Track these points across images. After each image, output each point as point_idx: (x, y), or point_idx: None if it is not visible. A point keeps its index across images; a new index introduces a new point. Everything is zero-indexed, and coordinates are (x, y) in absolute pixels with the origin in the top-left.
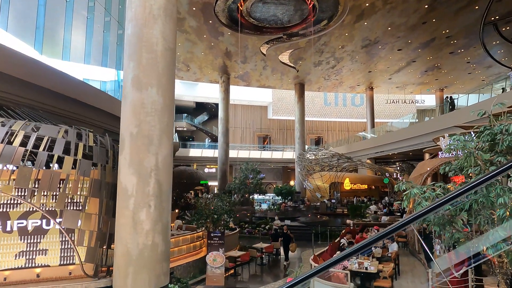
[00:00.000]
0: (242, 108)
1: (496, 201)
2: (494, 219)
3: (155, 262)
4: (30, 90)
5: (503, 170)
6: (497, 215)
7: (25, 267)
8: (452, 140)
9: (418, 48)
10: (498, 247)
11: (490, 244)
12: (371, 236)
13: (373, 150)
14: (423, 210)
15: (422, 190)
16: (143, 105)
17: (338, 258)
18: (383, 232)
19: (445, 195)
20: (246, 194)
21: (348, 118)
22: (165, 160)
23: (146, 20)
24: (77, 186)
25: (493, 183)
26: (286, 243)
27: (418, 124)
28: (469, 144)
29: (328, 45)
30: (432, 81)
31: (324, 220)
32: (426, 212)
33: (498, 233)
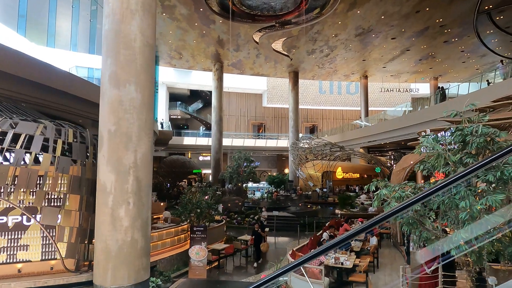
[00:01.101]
0: (236, 96)
1: (459, 203)
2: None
3: (134, 258)
4: (13, 82)
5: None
6: (459, 217)
7: (6, 262)
8: (423, 140)
9: (412, 37)
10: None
11: (454, 246)
12: (337, 238)
13: (366, 139)
14: (383, 215)
15: (392, 190)
16: (121, 102)
17: (305, 258)
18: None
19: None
20: (239, 183)
21: (343, 106)
22: (144, 157)
23: (123, 15)
24: (56, 183)
25: (459, 185)
26: (257, 242)
27: (409, 114)
28: (437, 147)
29: (321, 34)
30: (426, 70)
31: (314, 210)
32: (388, 216)
33: (460, 235)
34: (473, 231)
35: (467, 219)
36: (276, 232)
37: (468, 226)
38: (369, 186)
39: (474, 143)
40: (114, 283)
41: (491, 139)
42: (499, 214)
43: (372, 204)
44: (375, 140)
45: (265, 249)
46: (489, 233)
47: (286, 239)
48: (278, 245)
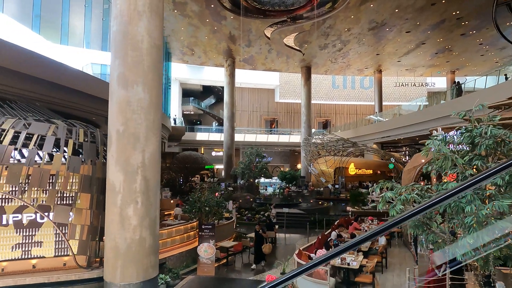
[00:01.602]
0: (249, 91)
1: (465, 207)
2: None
3: (142, 256)
4: (28, 81)
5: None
6: (465, 222)
7: (22, 258)
8: (429, 142)
9: (427, 30)
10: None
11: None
12: (341, 245)
13: (379, 135)
14: (389, 223)
15: (397, 193)
16: (129, 103)
17: (307, 266)
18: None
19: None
20: (251, 179)
21: (357, 101)
22: (152, 156)
23: (130, 16)
24: (67, 182)
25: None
26: (258, 243)
27: (424, 110)
28: (443, 149)
29: (333, 28)
30: (443, 63)
31: (325, 206)
32: (392, 225)
33: (466, 240)
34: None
35: (473, 224)
36: (286, 229)
37: (474, 232)
38: (375, 188)
39: (483, 145)
40: (123, 280)
41: (502, 140)
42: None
43: (377, 207)
44: (389, 135)
45: (267, 250)
46: (497, 240)
47: (297, 235)
48: (288, 242)
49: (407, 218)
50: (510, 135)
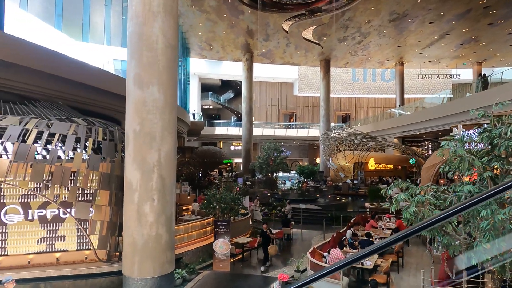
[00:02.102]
0: (267, 85)
1: (481, 211)
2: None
3: (159, 252)
4: (52, 80)
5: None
6: (480, 226)
7: (46, 251)
8: (444, 143)
9: (452, 20)
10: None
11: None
12: (359, 251)
13: (401, 129)
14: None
15: (409, 195)
16: (144, 103)
17: (322, 273)
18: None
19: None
20: (269, 173)
21: (378, 94)
22: (167, 155)
23: (145, 17)
24: (87, 180)
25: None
26: (265, 244)
27: (447, 103)
28: (459, 150)
29: (353, 20)
30: (469, 54)
31: (342, 202)
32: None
33: (482, 245)
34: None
35: (488, 229)
36: (303, 225)
37: (490, 237)
38: (388, 190)
39: (502, 145)
40: (141, 275)
41: None
42: None
43: (390, 208)
44: (411, 130)
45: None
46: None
47: (313, 232)
48: (304, 238)
49: (424, 228)
50: None
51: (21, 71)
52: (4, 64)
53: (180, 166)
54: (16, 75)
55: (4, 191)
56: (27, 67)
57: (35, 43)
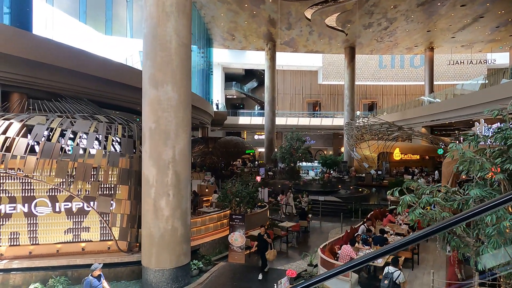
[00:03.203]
0: (291, 74)
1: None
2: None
3: (175, 244)
4: (77, 78)
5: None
6: (486, 231)
7: (73, 241)
8: (452, 145)
9: (486, 2)
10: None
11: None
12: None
13: (428, 118)
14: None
15: (416, 198)
16: (159, 101)
17: (330, 274)
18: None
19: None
20: (292, 163)
21: (406, 81)
22: (182, 152)
23: (159, 18)
24: (108, 175)
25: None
26: (262, 249)
27: (479, 91)
28: (467, 153)
29: (378, 6)
30: (505, 37)
31: (364, 194)
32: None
33: (487, 250)
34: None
35: (494, 234)
36: (322, 217)
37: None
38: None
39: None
40: (158, 266)
41: None
42: None
43: (397, 210)
44: (439, 119)
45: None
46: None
47: (331, 224)
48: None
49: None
50: None
51: (49, 69)
52: (34, 64)
53: (203, 156)
54: (45, 74)
55: (34, 185)
56: (54, 66)
57: (61, 43)
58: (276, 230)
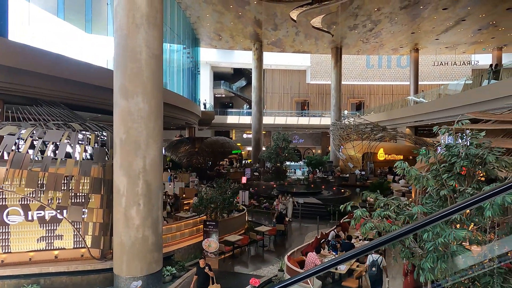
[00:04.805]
0: (279, 73)
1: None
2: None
3: (146, 252)
4: (57, 83)
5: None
6: (425, 247)
7: (45, 249)
8: (398, 164)
9: (467, 6)
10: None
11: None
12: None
13: (412, 119)
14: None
15: (366, 213)
16: (130, 112)
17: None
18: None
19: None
20: (278, 163)
21: (393, 81)
22: (152, 162)
23: (129, 30)
24: (79, 184)
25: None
26: (201, 285)
27: (459, 94)
28: (412, 171)
29: (362, 9)
30: (487, 39)
31: (346, 196)
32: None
33: (426, 264)
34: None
35: (431, 250)
36: (302, 219)
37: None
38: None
39: (458, 165)
40: (129, 274)
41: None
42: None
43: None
44: (422, 120)
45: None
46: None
47: (310, 226)
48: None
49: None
50: (487, 157)
51: (26, 75)
52: (10, 70)
53: (190, 156)
54: (22, 79)
55: (5, 194)
56: (32, 71)
57: (39, 48)
58: (251, 235)
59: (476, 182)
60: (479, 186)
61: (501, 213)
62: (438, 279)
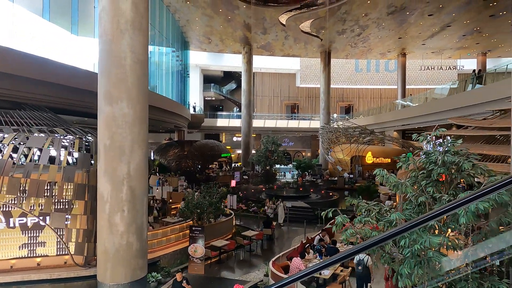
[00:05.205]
0: (269, 76)
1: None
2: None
3: (130, 259)
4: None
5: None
6: (403, 253)
7: (28, 256)
8: (377, 171)
9: (452, 12)
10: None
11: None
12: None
13: (400, 122)
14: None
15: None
16: (114, 118)
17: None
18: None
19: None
20: (267, 166)
21: (381, 85)
22: (137, 167)
23: (113, 35)
24: (63, 191)
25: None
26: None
27: (444, 99)
28: (390, 178)
29: (350, 14)
30: (472, 45)
31: (334, 199)
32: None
33: (404, 270)
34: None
35: (408, 256)
36: (290, 223)
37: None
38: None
39: (435, 172)
40: (113, 281)
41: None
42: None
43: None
44: (409, 124)
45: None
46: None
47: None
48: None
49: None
50: (463, 165)
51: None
52: None
53: (179, 160)
54: (7, 84)
55: None
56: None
57: (24, 52)
58: (238, 240)
59: (454, 189)
60: (456, 193)
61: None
62: (416, 284)
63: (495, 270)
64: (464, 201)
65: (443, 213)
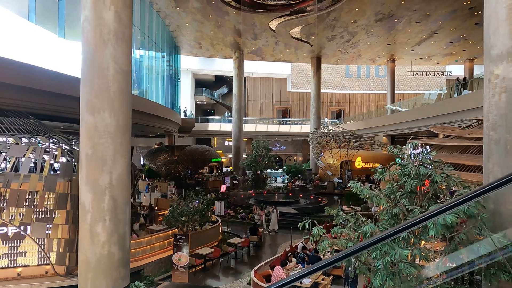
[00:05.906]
0: (261, 81)
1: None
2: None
3: (111, 269)
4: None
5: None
6: (375, 265)
7: (8, 267)
8: (352, 183)
9: (439, 20)
10: None
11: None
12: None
13: (389, 128)
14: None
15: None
16: (96, 128)
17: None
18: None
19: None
20: (258, 171)
21: (372, 90)
22: (120, 177)
23: (96, 45)
24: (43, 200)
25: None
26: None
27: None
28: (364, 191)
29: (339, 20)
30: (459, 52)
31: (322, 205)
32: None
33: (376, 282)
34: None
35: (380, 268)
36: (278, 229)
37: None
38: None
39: (408, 184)
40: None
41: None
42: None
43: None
44: (397, 129)
45: None
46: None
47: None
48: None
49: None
50: (435, 177)
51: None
52: None
53: (169, 165)
54: None
55: None
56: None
57: (10, 59)
58: (224, 247)
59: (427, 200)
60: (430, 204)
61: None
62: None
63: (467, 280)
64: (431, 214)
65: (411, 226)
